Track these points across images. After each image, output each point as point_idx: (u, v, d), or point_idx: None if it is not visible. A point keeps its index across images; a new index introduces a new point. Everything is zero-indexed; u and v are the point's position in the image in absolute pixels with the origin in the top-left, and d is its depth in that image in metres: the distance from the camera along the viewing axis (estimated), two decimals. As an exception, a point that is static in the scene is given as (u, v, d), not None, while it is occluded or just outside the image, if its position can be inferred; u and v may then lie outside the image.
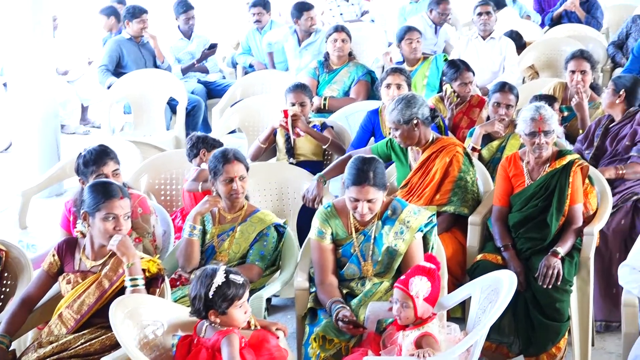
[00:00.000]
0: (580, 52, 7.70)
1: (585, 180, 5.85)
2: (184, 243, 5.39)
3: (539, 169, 5.84)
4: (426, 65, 8.77)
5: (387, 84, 7.16)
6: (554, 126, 5.75)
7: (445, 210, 6.02)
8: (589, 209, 5.89)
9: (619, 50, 10.21)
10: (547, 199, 5.74)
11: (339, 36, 8.62)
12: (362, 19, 12.77)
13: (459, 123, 7.52)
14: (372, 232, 5.15)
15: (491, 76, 9.38)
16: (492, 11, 9.76)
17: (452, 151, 6.07)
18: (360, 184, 5.04)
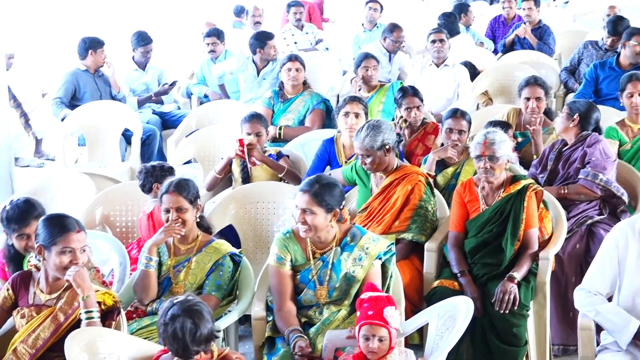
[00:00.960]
0: (534, 78, 7.78)
1: (540, 205, 5.90)
2: (140, 275, 5.36)
3: (494, 195, 5.89)
4: (382, 93, 8.79)
5: (345, 112, 7.19)
6: (503, 152, 5.79)
7: (404, 238, 6.05)
8: (544, 234, 5.94)
9: (572, 76, 10.31)
10: (502, 224, 5.79)
11: (293, 65, 8.64)
12: (317, 48, 12.85)
13: (414, 150, 7.56)
14: (330, 258, 5.17)
15: (445, 103, 9.45)
16: (446, 39, 9.82)
17: (414, 180, 6.11)
18: (301, 191, 5.10)
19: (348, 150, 7.14)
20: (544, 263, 5.77)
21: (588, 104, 6.84)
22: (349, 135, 7.09)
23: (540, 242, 5.86)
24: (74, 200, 7.01)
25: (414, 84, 9.08)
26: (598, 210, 6.50)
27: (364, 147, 6.08)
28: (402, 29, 10.90)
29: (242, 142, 7.06)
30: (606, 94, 9.12)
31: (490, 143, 5.79)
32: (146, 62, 10.72)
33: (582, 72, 9.98)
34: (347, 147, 7.15)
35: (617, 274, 5.14)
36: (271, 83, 9.70)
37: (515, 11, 13.18)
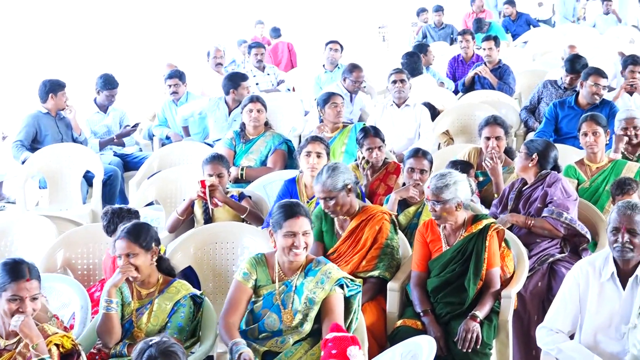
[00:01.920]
0: (494, 118, 7.86)
1: (501, 244, 5.95)
2: (102, 318, 5.33)
3: (455, 234, 5.93)
4: (345, 133, 8.83)
5: (306, 152, 7.22)
6: (450, 195, 5.81)
7: (371, 276, 6.05)
8: (506, 272, 5.98)
9: (532, 115, 10.40)
10: (465, 264, 5.83)
11: (254, 106, 8.66)
12: (279, 88, 12.89)
13: (376, 190, 7.59)
14: (294, 282, 5.26)
15: (407, 143, 9.49)
16: (406, 79, 9.84)
17: (380, 219, 6.15)
18: (295, 216, 5.20)
19: (310, 190, 7.16)
20: (506, 301, 5.81)
21: (545, 142, 6.90)
22: (311, 175, 7.11)
23: (502, 280, 5.89)
24: (35, 243, 6.96)
25: (376, 124, 9.11)
26: (559, 248, 6.56)
27: (326, 188, 6.09)
28: (361, 69, 10.95)
29: (203, 183, 7.07)
30: (566, 132, 9.22)
31: (433, 188, 5.84)
32: (109, 105, 10.70)
33: (542, 111, 10.07)
34: (309, 186, 7.17)
35: (579, 312, 5.22)
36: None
37: (473, 50, 13.34)
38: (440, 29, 17.85)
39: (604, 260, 5.20)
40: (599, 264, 5.22)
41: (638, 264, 5.11)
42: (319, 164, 7.08)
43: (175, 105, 10.86)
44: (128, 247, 5.34)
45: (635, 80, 9.94)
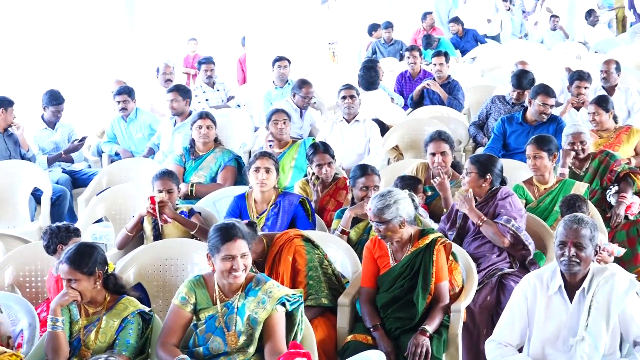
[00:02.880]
0: (438, 133, 7.90)
1: (449, 257, 5.99)
2: (48, 337, 5.29)
3: (403, 250, 5.97)
4: (294, 149, 8.85)
5: (255, 168, 7.21)
6: (392, 215, 5.84)
7: (307, 305, 5.95)
8: (455, 286, 6.02)
9: (480, 130, 10.47)
10: (413, 279, 5.86)
11: (203, 123, 8.66)
12: (229, 104, 12.87)
13: (326, 205, 7.62)
14: (235, 303, 5.23)
15: (357, 158, 9.50)
16: (356, 95, 9.87)
17: (291, 247, 6.08)
18: (232, 239, 5.15)
19: (259, 205, 7.17)
20: (455, 315, 5.86)
21: (490, 159, 6.92)
22: (260, 190, 7.13)
23: (451, 294, 5.94)
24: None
25: (325, 140, 9.16)
26: (508, 263, 6.61)
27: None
28: (311, 84, 10.99)
29: (153, 199, 7.05)
30: (514, 147, 9.29)
31: (377, 209, 5.87)
32: (56, 121, 10.62)
33: (491, 126, 10.16)
34: (259, 202, 7.18)
35: (527, 325, 5.28)
36: (184, 137, 9.70)
37: (420, 66, 13.38)
38: (389, 45, 17.95)
39: (552, 274, 5.27)
40: (546, 277, 5.28)
41: (585, 277, 5.18)
42: (268, 180, 7.09)
43: (124, 122, 10.82)
44: (70, 273, 5.31)
45: (582, 96, 10.07)
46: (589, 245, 5.16)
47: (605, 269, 5.22)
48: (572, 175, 7.87)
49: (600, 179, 7.86)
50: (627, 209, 7.64)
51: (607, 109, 8.85)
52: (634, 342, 5.09)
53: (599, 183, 7.85)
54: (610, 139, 8.82)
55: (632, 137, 8.83)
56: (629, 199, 7.67)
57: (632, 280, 5.20)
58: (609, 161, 7.87)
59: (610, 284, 5.13)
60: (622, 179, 7.78)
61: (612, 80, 10.78)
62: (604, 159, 7.90)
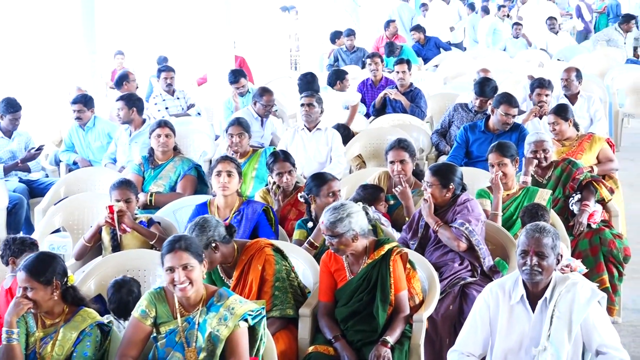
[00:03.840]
0: (398, 141, 7.89)
1: (406, 266, 5.98)
2: (3, 350, 5.23)
3: (359, 262, 5.95)
4: (255, 158, 8.82)
5: (217, 172, 7.19)
6: (345, 228, 5.80)
7: (272, 316, 5.93)
8: (414, 294, 6.01)
9: (442, 138, 10.49)
10: (371, 292, 5.84)
11: (162, 131, 8.63)
12: (189, 113, 12.82)
13: (287, 215, 7.59)
14: (196, 318, 5.18)
15: (318, 167, 9.45)
16: (316, 103, 9.78)
17: (262, 256, 6.03)
18: (172, 251, 5.12)
19: (222, 212, 7.15)
20: (417, 325, 5.86)
21: (450, 167, 6.92)
22: (223, 194, 7.11)
23: (410, 303, 5.94)
24: None
25: (287, 148, 9.16)
26: (470, 271, 6.61)
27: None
28: (272, 92, 10.96)
29: (111, 208, 7.00)
30: (477, 156, 9.30)
31: (329, 223, 5.84)
32: (13, 129, 10.53)
33: (453, 134, 10.18)
34: (222, 209, 7.16)
35: (489, 335, 5.29)
36: (142, 147, 9.66)
37: (382, 74, 13.40)
38: (352, 53, 17.94)
39: (514, 283, 5.29)
40: (508, 286, 5.30)
41: (547, 286, 5.21)
42: (230, 183, 7.10)
43: (82, 130, 10.74)
44: (26, 281, 5.26)
45: (543, 104, 10.13)
46: (551, 254, 5.18)
47: (567, 278, 5.25)
48: (535, 183, 7.90)
49: (562, 187, 7.91)
50: (589, 218, 7.70)
51: (567, 118, 8.88)
52: (596, 351, 5.10)
53: (561, 191, 7.90)
54: (573, 147, 8.87)
55: (594, 145, 8.89)
56: (591, 207, 7.73)
57: (593, 289, 5.23)
58: (571, 169, 7.92)
59: (572, 293, 5.16)
60: (584, 187, 7.83)
61: (573, 88, 10.85)
62: (566, 167, 7.95)
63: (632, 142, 14.92)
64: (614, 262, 7.54)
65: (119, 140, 10.16)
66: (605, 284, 7.43)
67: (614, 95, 14.20)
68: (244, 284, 5.99)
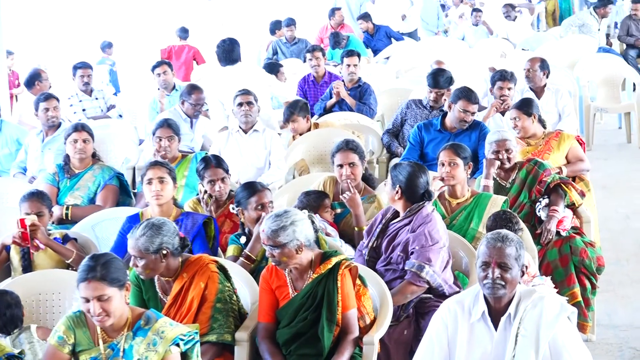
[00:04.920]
0: (346, 143, 7.88)
1: (355, 282, 5.95)
2: None
3: (303, 277, 5.93)
4: (184, 165, 8.79)
5: (148, 180, 7.17)
6: (288, 238, 5.79)
7: (208, 340, 5.90)
8: (365, 313, 5.97)
9: (395, 139, 10.48)
10: (317, 310, 5.83)
11: (79, 136, 8.58)
12: (109, 115, 12.73)
13: (221, 227, 7.53)
14: (121, 344, 5.16)
15: (256, 172, 9.46)
16: (254, 101, 9.71)
17: (206, 273, 6.00)
18: (85, 280, 5.08)
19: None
20: (368, 348, 5.84)
21: (410, 170, 6.76)
22: (156, 204, 7.10)
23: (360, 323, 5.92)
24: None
25: (220, 153, 9.12)
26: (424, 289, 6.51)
27: (137, 247, 5.87)
28: (202, 90, 10.93)
29: (23, 222, 6.91)
30: (433, 158, 9.08)
31: (270, 231, 5.83)
32: None
33: (407, 134, 10.17)
34: (156, 221, 7.15)
35: (448, 356, 5.30)
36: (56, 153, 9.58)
37: (324, 68, 13.30)
38: (292, 45, 17.93)
39: (474, 299, 5.31)
40: (468, 302, 5.32)
41: (511, 301, 5.24)
42: (164, 191, 7.10)
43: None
44: None
45: (505, 98, 10.19)
46: (514, 266, 5.21)
47: (534, 292, 5.28)
48: (497, 187, 7.93)
49: (528, 191, 7.92)
50: (558, 224, 7.71)
51: (530, 114, 8.92)
52: (566, 372, 5.15)
53: (527, 195, 7.91)
54: (539, 147, 8.91)
55: (563, 143, 8.93)
56: (560, 212, 7.75)
57: (562, 304, 5.26)
58: (537, 171, 7.93)
59: (539, 308, 5.19)
60: (552, 191, 7.85)
61: (536, 81, 10.91)
62: (532, 169, 7.96)
63: (604, 139, 15.12)
64: (586, 274, 7.56)
65: (30, 146, 10.08)
66: (576, 298, 7.43)
67: (585, 87, 14.36)
68: (182, 302, 5.96)
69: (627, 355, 7.56)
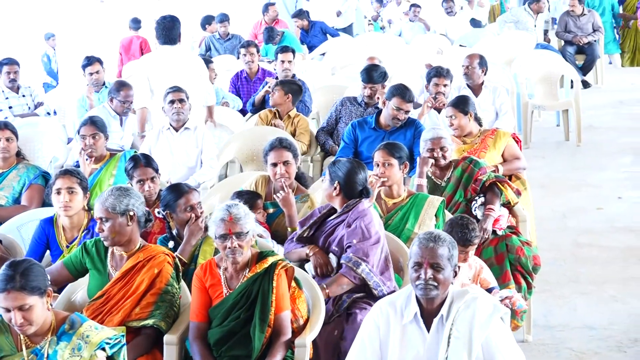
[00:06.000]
0: (279, 141, 7.87)
1: (291, 284, 5.99)
2: None
3: (239, 276, 5.94)
4: (113, 164, 8.71)
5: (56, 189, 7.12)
6: (249, 226, 5.87)
7: (145, 325, 5.94)
8: (299, 317, 6.01)
9: (329, 137, 10.49)
10: (250, 309, 5.85)
11: (2, 134, 8.51)
12: (36, 112, 12.63)
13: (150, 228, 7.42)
14: (45, 349, 5.12)
15: (187, 172, 9.43)
16: (186, 99, 9.63)
17: (162, 261, 6.05)
18: (5, 290, 5.01)
19: (69, 232, 7.07)
20: (300, 351, 5.87)
21: (349, 166, 6.78)
22: (65, 215, 7.06)
23: (294, 326, 5.95)
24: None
25: (150, 152, 9.09)
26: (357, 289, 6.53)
27: (104, 207, 5.99)
28: (130, 86, 10.85)
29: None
30: (367, 157, 9.06)
31: (236, 219, 5.85)
32: None
33: (341, 132, 10.17)
34: (68, 229, 7.08)
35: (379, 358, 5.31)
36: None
37: (257, 65, 13.34)
38: (225, 41, 17.88)
39: (406, 300, 5.33)
40: (400, 303, 5.34)
41: (443, 303, 5.26)
42: (73, 202, 7.05)
43: None
44: None
45: (440, 95, 10.22)
46: (447, 266, 5.24)
47: (466, 292, 5.31)
48: (432, 186, 7.96)
49: (464, 190, 7.94)
50: (494, 223, 7.73)
51: (466, 112, 8.96)
52: (500, 374, 5.18)
53: (462, 194, 7.93)
54: (475, 145, 8.95)
55: (499, 141, 8.98)
56: (496, 211, 7.76)
57: (495, 304, 5.30)
58: (473, 169, 7.94)
59: (471, 309, 5.22)
60: (488, 189, 7.86)
61: (475, 78, 10.97)
62: (467, 167, 7.97)
63: (542, 137, 15.21)
64: (522, 272, 7.53)
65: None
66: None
67: (523, 84, 14.47)
68: (131, 280, 6.01)
69: (563, 356, 7.62)
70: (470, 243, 6.80)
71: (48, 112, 12.76)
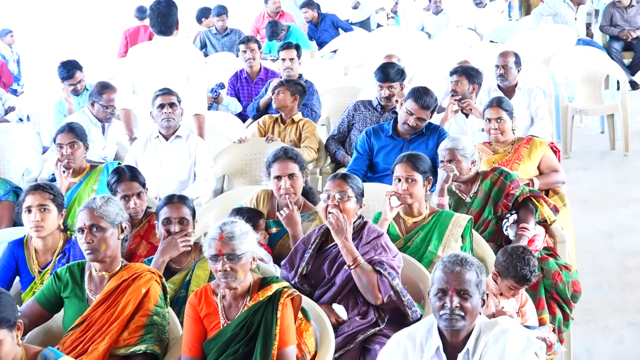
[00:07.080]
0: (284, 151, 7.82)
1: (297, 315, 5.94)
2: None
3: (238, 305, 5.91)
4: (93, 177, 8.74)
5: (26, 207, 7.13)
6: (246, 247, 5.83)
7: (135, 352, 5.92)
8: (305, 352, 5.98)
9: (341, 146, 10.42)
10: (250, 343, 5.80)
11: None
12: (7, 118, 12.67)
13: (136, 250, 7.49)
14: None
15: (179, 186, 9.40)
16: (177, 103, 9.59)
17: (149, 280, 6.06)
18: None
19: (42, 256, 7.07)
20: (307, 392, 5.86)
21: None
22: (36, 236, 7.07)
23: (300, 364, 5.92)
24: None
25: (136, 163, 9.08)
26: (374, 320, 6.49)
27: (97, 214, 6.04)
28: (114, 89, 10.84)
29: None
30: (384, 169, 9.15)
31: (228, 237, 5.82)
32: None
33: (354, 140, 10.09)
34: (41, 252, 7.08)
35: (395, 401, 5.30)
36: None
37: (259, 64, 13.27)
38: (223, 36, 17.90)
39: (427, 332, 5.30)
40: (420, 336, 5.32)
41: (469, 335, 5.23)
42: (45, 222, 7.04)
43: None
44: None
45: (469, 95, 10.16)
46: (475, 293, 5.21)
47: (495, 324, 5.28)
48: (456, 201, 7.91)
49: (493, 206, 7.88)
50: (529, 244, 7.63)
51: (512, 114, 8.95)
52: (534, 419, 5.16)
53: (492, 211, 7.87)
54: (507, 155, 8.90)
55: (535, 151, 8.93)
56: (531, 231, 7.72)
57: (529, 338, 5.27)
58: (503, 182, 7.88)
59: (502, 343, 5.19)
60: (521, 205, 7.82)
61: (511, 79, 10.94)
62: (497, 180, 7.90)
63: (584, 145, 15.17)
64: (558, 301, 7.43)
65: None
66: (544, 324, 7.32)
67: (562, 86, 14.40)
68: (116, 301, 6.00)
69: (608, 396, 7.61)
70: (529, 283, 6.66)
71: (20, 117, 12.79)
